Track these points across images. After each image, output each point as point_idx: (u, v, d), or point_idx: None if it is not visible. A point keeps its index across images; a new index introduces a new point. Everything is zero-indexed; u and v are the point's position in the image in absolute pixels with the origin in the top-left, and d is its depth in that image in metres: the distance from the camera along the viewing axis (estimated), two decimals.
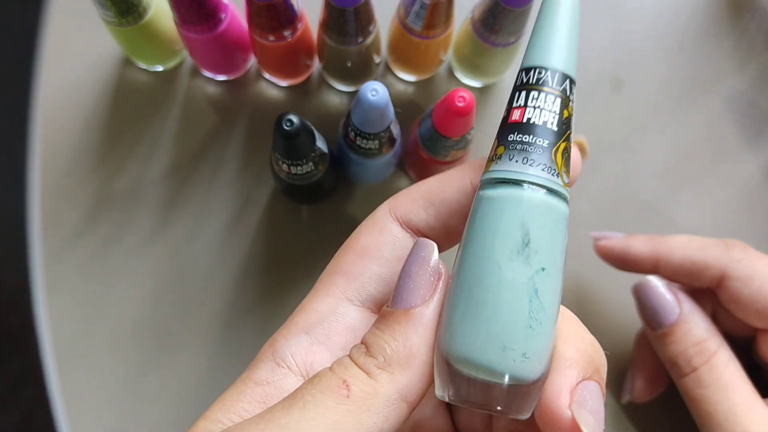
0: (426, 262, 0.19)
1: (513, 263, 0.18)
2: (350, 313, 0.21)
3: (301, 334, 0.21)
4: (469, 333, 0.18)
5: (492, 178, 0.19)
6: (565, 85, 0.20)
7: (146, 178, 0.38)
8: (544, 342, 0.18)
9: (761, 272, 0.29)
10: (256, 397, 0.20)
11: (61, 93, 0.38)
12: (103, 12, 0.32)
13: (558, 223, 0.19)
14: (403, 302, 0.19)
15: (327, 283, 0.22)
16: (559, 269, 0.19)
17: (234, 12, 0.34)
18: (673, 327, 0.30)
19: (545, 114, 0.19)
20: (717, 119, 0.40)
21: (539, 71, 0.20)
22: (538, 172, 0.19)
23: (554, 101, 0.19)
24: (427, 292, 0.19)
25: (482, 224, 0.19)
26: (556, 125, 0.19)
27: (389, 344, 0.18)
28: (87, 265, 0.37)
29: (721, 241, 0.30)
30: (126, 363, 0.37)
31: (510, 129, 0.20)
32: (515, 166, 0.19)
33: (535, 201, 0.18)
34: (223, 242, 0.37)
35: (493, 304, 0.18)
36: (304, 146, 0.30)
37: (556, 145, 0.19)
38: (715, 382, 0.28)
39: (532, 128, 0.19)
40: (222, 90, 0.39)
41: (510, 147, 0.19)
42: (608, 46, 0.40)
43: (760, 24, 0.41)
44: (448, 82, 0.39)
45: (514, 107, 0.20)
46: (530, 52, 0.20)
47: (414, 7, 0.31)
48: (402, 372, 0.18)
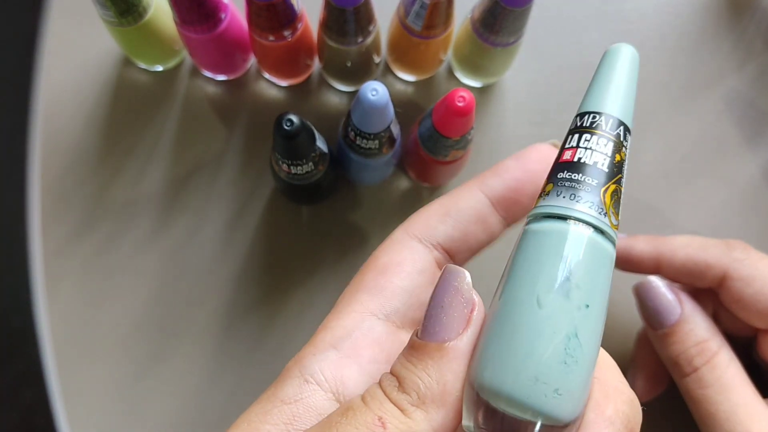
0: (459, 292, 0.19)
1: (552, 296, 0.18)
2: (376, 327, 0.21)
3: (329, 349, 0.20)
4: (502, 365, 0.17)
5: (539, 213, 0.19)
6: (619, 130, 0.20)
7: (146, 179, 0.38)
8: (578, 382, 0.17)
9: (763, 272, 0.29)
10: (283, 418, 0.19)
11: (61, 93, 0.38)
12: (103, 12, 0.32)
13: (602, 262, 0.18)
14: (435, 335, 0.18)
15: (350, 300, 0.22)
16: (600, 309, 0.18)
17: (234, 12, 0.34)
18: (674, 327, 0.30)
19: (596, 155, 0.19)
20: (716, 119, 0.40)
21: (593, 116, 0.20)
22: (585, 209, 0.18)
23: (606, 144, 0.19)
24: (461, 325, 0.18)
25: (525, 256, 0.19)
26: (607, 166, 0.19)
27: (423, 380, 0.18)
28: (87, 265, 0.37)
29: (723, 242, 0.30)
30: (126, 363, 0.36)
31: (560, 168, 0.20)
32: (562, 202, 0.19)
33: (579, 236, 0.18)
34: (223, 242, 0.37)
35: (528, 335, 0.17)
36: (304, 146, 0.30)
37: (606, 185, 0.19)
38: (716, 382, 0.28)
39: (582, 167, 0.19)
40: (222, 90, 0.39)
41: (558, 184, 0.19)
42: (608, 46, 0.40)
43: (760, 24, 0.41)
44: (447, 82, 0.39)
45: (566, 148, 0.20)
46: (587, 98, 0.21)
47: (414, 7, 0.31)
48: (437, 410, 0.18)
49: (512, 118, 0.39)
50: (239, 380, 0.36)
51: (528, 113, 0.39)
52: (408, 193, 0.38)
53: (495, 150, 0.39)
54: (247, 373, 0.37)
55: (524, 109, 0.39)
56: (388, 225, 0.38)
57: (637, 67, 0.21)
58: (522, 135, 0.39)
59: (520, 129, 0.39)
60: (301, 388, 0.20)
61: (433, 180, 0.37)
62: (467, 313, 0.19)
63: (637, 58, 0.21)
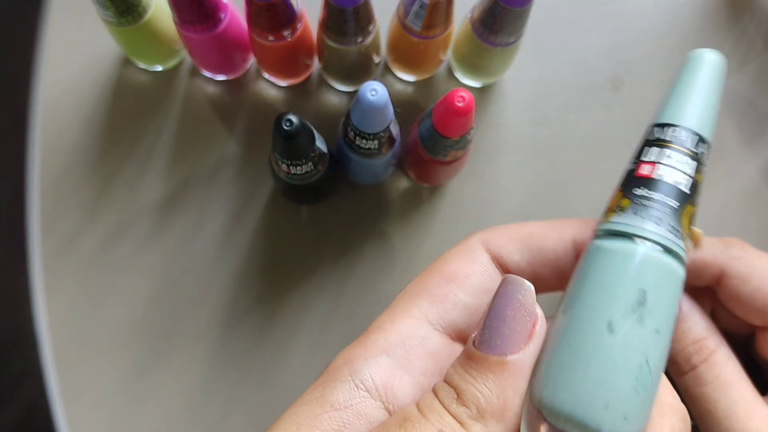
0: (523, 305, 0.18)
1: (627, 322, 0.17)
2: (432, 337, 0.20)
3: (382, 354, 0.20)
4: (571, 387, 0.17)
5: (612, 229, 0.19)
6: (702, 148, 0.19)
7: (146, 179, 0.38)
8: (645, 406, 0.17)
9: (760, 270, 0.29)
10: (333, 424, 0.19)
11: (61, 93, 0.38)
12: (103, 12, 0.32)
13: (676, 286, 0.18)
14: (496, 348, 0.18)
15: (409, 303, 0.21)
16: (670, 333, 0.18)
17: (233, 12, 0.34)
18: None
19: (677, 174, 0.19)
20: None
21: (674, 129, 0.19)
22: (664, 232, 0.18)
23: (687, 162, 0.19)
24: (523, 340, 0.18)
25: (597, 276, 0.18)
26: (688, 187, 0.19)
27: (482, 394, 0.17)
28: (86, 264, 0.37)
29: (720, 239, 0.30)
30: (125, 363, 0.37)
31: (637, 182, 0.19)
32: (640, 222, 0.18)
33: (658, 261, 0.18)
34: (223, 242, 0.37)
35: (600, 361, 0.17)
36: (304, 146, 0.30)
37: (685, 207, 0.18)
38: (714, 380, 0.28)
39: (662, 186, 0.18)
40: (221, 90, 0.39)
41: (636, 201, 0.19)
42: (608, 46, 0.40)
43: (760, 24, 0.41)
44: (447, 82, 0.39)
45: (644, 161, 0.19)
46: (668, 108, 0.20)
47: (413, 7, 0.31)
48: (496, 425, 0.17)
49: (512, 118, 0.39)
50: (239, 380, 0.37)
51: (528, 113, 0.39)
52: (408, 193, 0.39)
53: (495, 150, 0.39)
54: (247, 373, 0.37)
55: (524, 109, 0.39)
56: (388, 225, 0.38)
57: (724, 76, 0.20)
58: (522, 135, 0.39)
59: (519, 129, 0.39)
60: (351, 394, 0.19)
61: (433, 180, 0.37)
62: (530, 327, 0.18)
63: (723, 66, 0.20)
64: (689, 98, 0.19)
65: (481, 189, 0.39)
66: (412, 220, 0.38)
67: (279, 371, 0.37)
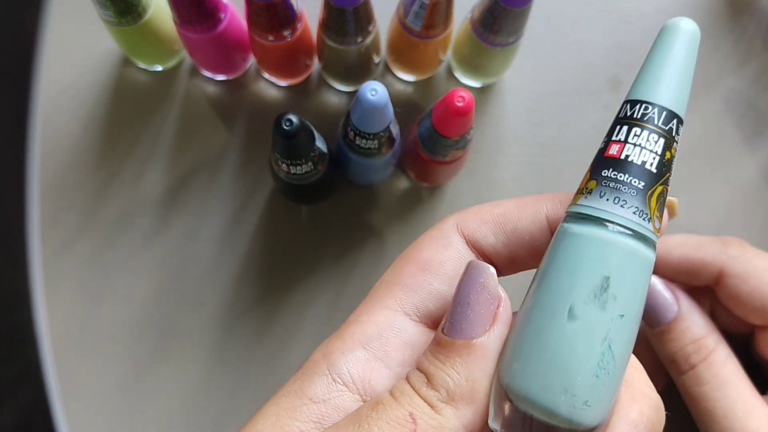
0: (485, 288, 0.19)
1: (588, 307, 0.17)
2: (408, 328, 0.21)
3: (358, 347, 0.20)
4: (532, 371, 0.17)
5: (579, 212, 0.18)
6: (672, 124, 0.18)
7: (145, 178, 0.38)
8: (609, 392, 0.17)
9: (759, 269, 0.29)
10: (312, 416, 0.19)
11: (61, 93, 0.38)
12: (103, 12, 0.32)
13: (642, 270, 0.18)
14: (462, 332, 0.18)
15: (385, 293, 0.21)
16: (637, 318, 0.18)
17: (233, 12, 0.34)
18: (671, 325, 0.30)
19: (645, 153, 0.18)
20: (716, 119, 0.40)
21: (645, 106, 0.18)
22: (629, 215, 0.18)
23: (657, 141, 0.18)
24: (488, 322, 0.18)
25: (561, 261, 0.18)
26: (656, 167, 0.18)
27: (451, 377, 0.18)
28: (86, 264, 0.37)
29: (719, 239, 0.30)
30: (125, 363, 0.37)
31: (605, 163, 0.19)
32: (605, 205, 0.18)
33: (621, 245, 0.17)
34: (223, 242, 0.37)
35: (560, 346, 0.17)
36: (304, 146, 0.30)
37: (653, 188, 0.18)
38: (713, 379, 0.28)
39: (629, 167, 0.18)
40: (221, 90, 0.39)
41: (602, 183, 0.18)
42: (608, 46, 0.40)
43: (759, 24, 0.41)
44: (447, 82, 0.39)
45: (613, 140, 0.19)
46: (639, 83, 0.19)
47: (413, 7, 0.31)
48: (466, 407, 0.18)
49: (512, 118, 0.39)
50: (239, 380, 0.37)
51: (527, 113, 0.39)
52: (407, 193, 0.39)
53: (495, 150, 0.39)
54: (247, 373, 0.37)
55: (524, 109, 0.40)
56: (387, 225, 0.38)
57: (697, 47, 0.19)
58: (521, 135, 0.39)
59: (519, 129, 0.39)
60: (329, 387, 0.19)
61: (433, 180, 0.37)
62: (494, 310, 0.18)
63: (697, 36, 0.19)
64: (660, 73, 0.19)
65: (481, 189, 0.39)
66: (412, 220, 0.38)
67: (278, 371, 0.37)
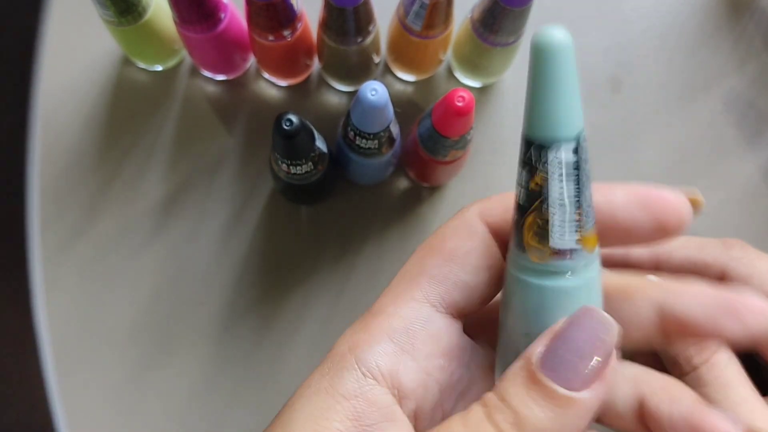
0: (604, 345, 0.17)
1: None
2: (435, 319, 0.20)
3: (386, 340, 0.20)
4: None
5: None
6: (530, 153, 0.18)
7: (145, 178, 0.38)
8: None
9: (761, 270, 0.29)
10: (347, 414, 0.18)
11: (61, 93, 0.38)
12: (103, 12, 0.32)
13: (545, 298, 0.18)
14: (566, 381, 0.17)
15: (410, 285, 0.21)
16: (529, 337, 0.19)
17: (233, 12, 0.34)
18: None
19: (518, 189, 0.18)
20: (716, 119, 0.40)
21: (524, 143, 0.19)
22: (511, 255, 0.19)
23: (521, 173, 0.18)
24: (594, 379, 0.17)
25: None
26: (523, 199, 0.18)
27: (544, 426, 0.17)
28: (86, 265, 0.37)
29: (720, 240, 0.30)
30: (125, 363, 0.36)
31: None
32: (511, 252, 0.19)
33: (511, 281, 0.19)
34: (222, 242, 0.37)
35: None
36: (304, 146, 0.30)
37: (523, 219, 0.18)
38: (714, 380, 0.28)
39: (516, 208, 0.19)
40: (221, 90, 0.39)
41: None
42: (608, 47, 0.40)
43: (759, 24, 0.41)
44: (447, 82, 0.39)
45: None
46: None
47: (413, 7, 0.31)
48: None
49: (512, 118, 0.39)
50: (238, 380, 0.36)
51: None
52: (408, 193, 0.39)
53: (494, 150, 0.39)
54: (246, 374, 0.37)
55: (524, 109, 0.39)
56: (387, 225, 0.38)
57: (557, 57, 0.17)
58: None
59: (519, 129, 0.39)
60: (359, 382, 0.19)
61: (433, 180, 0.37)
62: (604, 368, 0.17)
63: (564, 46, 0.17)
64: (528, 101, 0.19)
65: (481, 189, 0.39)
66: (412, 220, 0.38)
67: (279, 370, 0.37)
